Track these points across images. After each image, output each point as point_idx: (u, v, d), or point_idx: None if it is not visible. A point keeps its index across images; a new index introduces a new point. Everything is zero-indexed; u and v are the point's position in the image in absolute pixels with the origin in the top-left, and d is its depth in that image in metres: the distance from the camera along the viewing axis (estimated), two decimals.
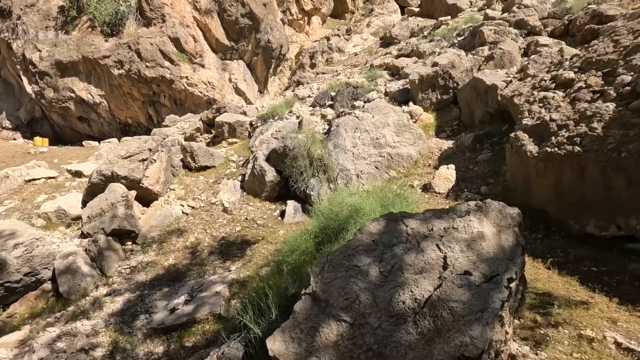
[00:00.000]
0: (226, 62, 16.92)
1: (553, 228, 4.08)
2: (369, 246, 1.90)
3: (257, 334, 2.13)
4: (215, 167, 7.93)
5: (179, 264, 5.25)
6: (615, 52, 4.35)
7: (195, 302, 4.29)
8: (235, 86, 17.01)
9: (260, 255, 5.02)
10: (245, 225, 5.91)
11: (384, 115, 7.19)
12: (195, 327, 4.05)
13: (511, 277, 1.56)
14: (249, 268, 4.76)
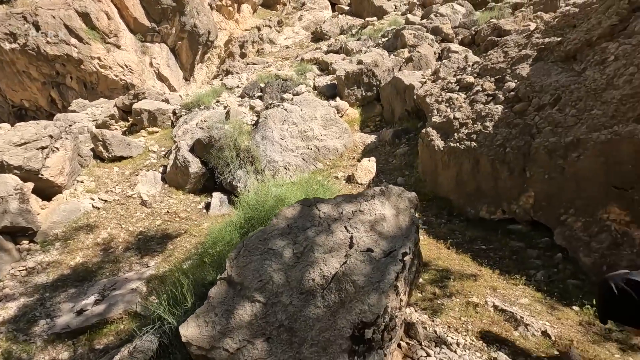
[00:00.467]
0: (146, 44, 15.60)
1: (454, 213, 4.64)
2: (284, 230, 1.99)
3: (171, 323, 2.09)
4: (133, 157, 7.34)
5: (88, 262, 4.79)
6: (504, 62, 5.06)
7: (108, 301, 3.98)
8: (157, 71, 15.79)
9: (183, 249, 4.83)
10: (167, 218, 5.62)
11: (312, 109, 7.36)
12: (107, 327, 3.76)
13: (405, 251, 1.78)
14: (169, 262, 4.55)
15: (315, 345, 1.56)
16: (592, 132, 3.52)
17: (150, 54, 15.54)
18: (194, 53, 16.81)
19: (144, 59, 15.33)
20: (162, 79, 15.83)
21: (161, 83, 15.72)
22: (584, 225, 3.51)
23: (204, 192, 6.52)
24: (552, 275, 3.27)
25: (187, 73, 17.27)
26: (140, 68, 14.68)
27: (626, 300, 1.30)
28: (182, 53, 16.61)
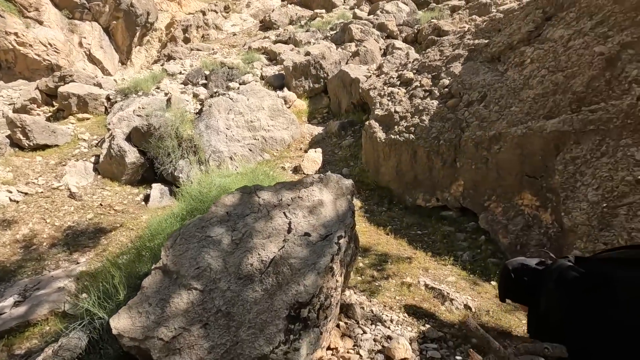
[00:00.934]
0: (75, 22, 14.18)
1: (394, 202, 4.91)
2: (223, 217, 1.99)
3: (102, 318, 1.99)
4: (60, 146, 6.70)
5: (5, 261, 4.32)
6: (440, 60, 5.41)
7: (30, 302, 3.64)
8: (88, 53, 14.43)
9: (118, 243, 4.55)
10: (100, 212, 5.23)
11: (259, 99, 7.26)
12: (30, 330, 3.45)
13: (341, 235, 1.88)
14: (103, 258, 4.26)
15: (253, 327, 1.60)
16: (511, 127, 3.92)
17: (79, 32, 14.12)
18: (131, 35, 15.59)
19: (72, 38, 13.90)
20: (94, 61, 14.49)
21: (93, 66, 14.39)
22: (503, 210, 3.93)
23: (142, 184, 6.16)
24: (475, 256, 3.63)
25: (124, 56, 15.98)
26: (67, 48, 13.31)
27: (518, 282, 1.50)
28: (117, 34, 15.32)
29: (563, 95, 3.66)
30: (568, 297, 1.30)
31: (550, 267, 1.45)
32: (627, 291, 1.18)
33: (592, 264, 1.36)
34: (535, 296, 1.43)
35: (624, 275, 1.22)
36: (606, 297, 1.21)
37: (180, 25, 16.58)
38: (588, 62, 3.59)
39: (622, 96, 3.25)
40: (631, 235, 2.74)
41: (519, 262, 1.57)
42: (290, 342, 1.59)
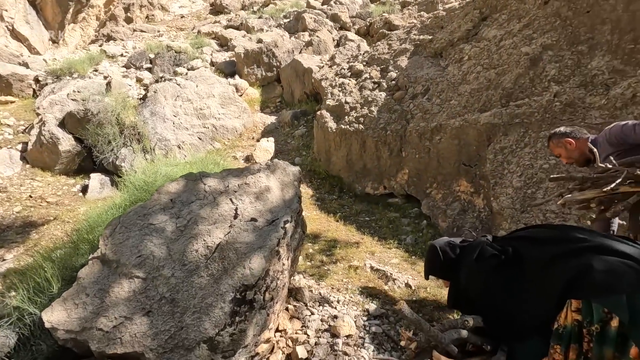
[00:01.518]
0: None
1: (344, 190, 5.07)
2: (167, 205, 1.95)
3: (34, 313, 1.87)
4: None
5: None
6: (389, 53, 5.62)
7: None
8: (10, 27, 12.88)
9: (52, 237, 4.22)
10: (30, 204, 4.79)
11: (209, 86, 7.02)
12: None
13: (287, 219, 1.93)
14: (34, 253, 3.93)
15: (198, 311, 1.61)
16: (450, 119, 4.22)
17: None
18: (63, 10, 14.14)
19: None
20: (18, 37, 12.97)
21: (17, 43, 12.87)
22: (443, 197, 4.24)
23: (79, 174, 5.73)
24: (417, 239, 3.89)
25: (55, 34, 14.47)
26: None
27: (444, 260, 1.65)
28: (46, 8, 13.82)
29: (495, 91, 4.00)
30: (485, 272, 1.47)
31: (471, 245, 1.63)
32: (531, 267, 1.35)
33: (506, 242, 1.55)
34: (457, 272, 1.59)
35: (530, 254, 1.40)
36: (515, 273, 1.39)
37: (121, 3, 15.33)
38: (516, 61, 3.95)
39: (543, 93, 3.64)
40: (545, 215, 3.12)
41: (445, 241, 1.73)
42: (237, 323, 1.63)
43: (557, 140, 2.22)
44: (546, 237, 1.44)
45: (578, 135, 2.16)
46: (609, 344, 1.21)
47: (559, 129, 2.26)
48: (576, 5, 3.78)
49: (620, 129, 1.99)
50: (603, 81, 3.32)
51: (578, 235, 1.39)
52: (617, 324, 1.19)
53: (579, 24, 3.71)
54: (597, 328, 1.23)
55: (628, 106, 3.05)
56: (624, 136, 1.96)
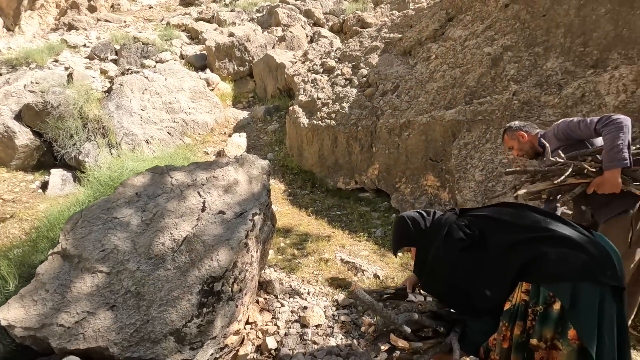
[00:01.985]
0: None
1: (317, 185, 5.12)
2: (132, 198, 1.91)
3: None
4: None
5: None
6: (360, 50, 5.70)
7: None
8: None
9: (9, 236, 4.00)
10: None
11: (179, 79, 6.85)
12: None
13: (256, 212, 1.95)
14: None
15: (165, 304, 1.61)
16: (418, 116, 4.36)
17: None
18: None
19: None
20: None
21: None
22: (411, 191, 4.39)
23: (39, 169, 5.45)
24: (387, 232, 4.01)
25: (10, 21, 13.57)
26: None
27: (415, 229, 1.62)
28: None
29: (459, 89, 4.17)
30: (451, 252, 1.49)
31: (441, 219, 1.62)
32: (494, 251, 1.44)
33: (473, 221, 1.57)
34: (427, 243, 1.58)
35: (494, 238, 1.46)
36: (479, 255, 1.46)
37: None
38: (479, 61, 4.14)
39: (503, 91, 3.84)
40: None
41: (416, 212, 1.69)
42: (204, 315, 1.64)
43: (512, 133, 2.38)
44: (509, 221, 1.50)
45: (530, 130, 2.33)
46: (549, 325, 1.34)
47: (514, 123, 2.42)
48: (534, 9, 4.00)
49: (567, 125, 2.13)
50: (556, 81, 3.55)
51: (537, 221, 1.46)
52: (559, 307, 1.32)
53: (535, 27, 3.94)
54: (540, 309, 1.35)
55: (578, 105, 3.28)
56: (570, 132, 2.11)
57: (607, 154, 1.88)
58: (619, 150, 1.82)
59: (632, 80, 3.07)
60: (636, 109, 2.97)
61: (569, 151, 2.07)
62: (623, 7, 3.39)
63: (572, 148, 2.10)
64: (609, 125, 1.88)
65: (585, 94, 3.27)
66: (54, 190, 4.98)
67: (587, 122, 2.03)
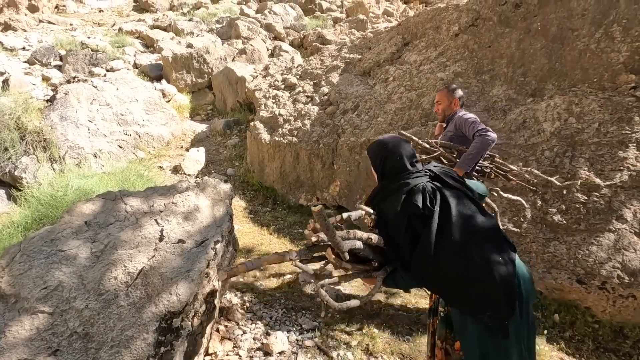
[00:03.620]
0: None
1: (278, 202, 5.08)
2: (80, 228, 1.76)
3: None
4: None
5: None
6: (321, 69, 5.81)
7: None
8: None
9: None
10: None
11: (132, 90, 6.52)
12: None
13: (217, 239, 1.89)
14: None
15: (117, 345, 1.48)
16: (377, 135, 4.50)
17: None
18: None
19: None
20: None
21: None
22: None
23: None
24: None
25: None
26: None
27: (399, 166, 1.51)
28: None
29: (416, 111, 4.39)
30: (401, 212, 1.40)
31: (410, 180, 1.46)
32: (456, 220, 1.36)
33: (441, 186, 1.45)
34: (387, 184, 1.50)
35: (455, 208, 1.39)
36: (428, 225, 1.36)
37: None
38: (433, 85, 4.39)
39: None
40: None
41: (412, 150, 1.56)
42: (161, 354, 1.53)
43: (451, 96, 2.70)
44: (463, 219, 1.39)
45: (461, 102, 2.73)
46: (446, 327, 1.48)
47: (458, 90, 2.74)
48: (480, 40, 4.35)
49: (465, 120, 2.52)
50: (501, 107, 3.87)
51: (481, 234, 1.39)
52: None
53: (482, 57, 4.28)
54: (443, 310, 1.50)
55: (520, 130, 3.59)
56: (463, 127, 2.52)
57: (463, 157, 2.40)
58: (470, 159, 2.37)
59: (564, 109, 3.43)
60: (569, 136, 3.31)
61: (457, 140, 2.54)
62: (555, 44, 3.80)
63: (459, 139, 2.55)
64: (480, 137, 2.36)
65: (526, 120, 3.59)
66: None
67: (474, 126, 2.45)
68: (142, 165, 5.38)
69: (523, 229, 3.14)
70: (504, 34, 4.19)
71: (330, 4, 13.77)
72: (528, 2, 4.10)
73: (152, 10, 13.55)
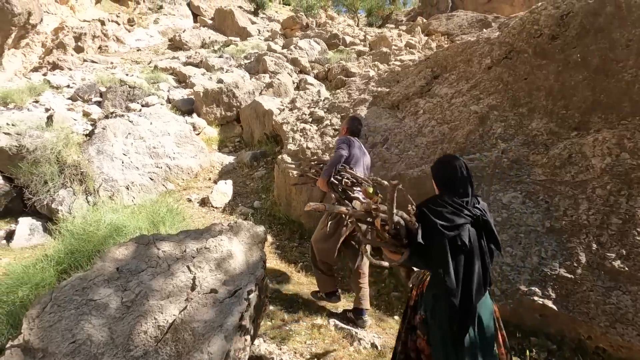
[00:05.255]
0: None
1: (306, 236, 4.94)
2: (112, 275, 1.70)
3: None
4: None
5: None
6: (348, 102, 5.82)
7: None
8: None
9: None
10: None
11: (164, 123, 6.76)
12: None
13: (251, 289, 1.77)
14: None
15: None
16: (409, 169, 4.37)
17: None
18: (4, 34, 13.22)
19: None
20: None
21: None
22: None
23: (5, 217, 5.07)
24: (380, 290, 3.83)
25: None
26: None
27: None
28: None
29: (449, 144, 4.24)
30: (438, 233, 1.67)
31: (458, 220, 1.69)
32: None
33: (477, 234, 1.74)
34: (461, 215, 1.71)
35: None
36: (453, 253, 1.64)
37: (72, 32, 14.71)
38: (466, 118, 4.26)
39: (491, 149, 3.92)
40: (502, 268, 3.24)
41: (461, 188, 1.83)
42: None
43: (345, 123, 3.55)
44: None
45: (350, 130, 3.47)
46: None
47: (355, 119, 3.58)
48: (515, 72, 4.23)
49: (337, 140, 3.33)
50: (543, 141, 3.66)
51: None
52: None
53: (518, 89, 4.13)
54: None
55: (566, 165, 3.36)
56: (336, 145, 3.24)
57: (324, 169, 3.19)
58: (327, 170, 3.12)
59: (615, 144, 3.20)
60: (623, 173, 3.06)
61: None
62: (598, 75, 3.62)
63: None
64: (335, 152, 3.18)
65: (572, 155, 3.36)
66: (20, 241, 4.59)
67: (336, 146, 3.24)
68: (172, 198, 5.44)
69: (577, 275, 2.85)
70: (541, 66, 4.05)
71: (354, 38, 14.16)
72: (565, 34, 3.98)
73: (185, 49, 14.38)
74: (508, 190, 3.55)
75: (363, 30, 15.60)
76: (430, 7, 20.43)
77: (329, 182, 3.10)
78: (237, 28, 15.88)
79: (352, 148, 3.21)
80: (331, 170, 3.10)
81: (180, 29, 16.30)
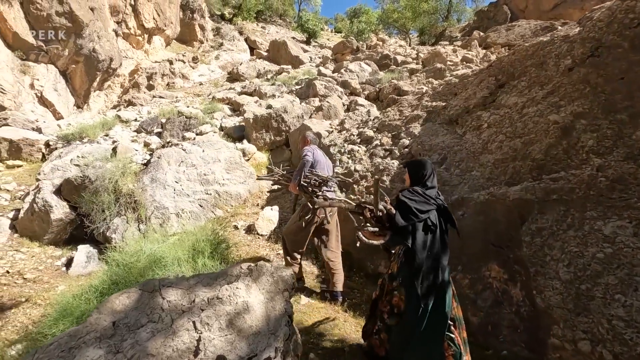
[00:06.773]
0: (28, 63, 13.51)
1: (354, 269, 4.45)
2: (106, 332, 1.44)
3: None
4: None
5: None
6: (400, 119, 5.35)
7: None
8: (39, 95, 13.64)
9: (17, 325, 3.67)
10: (4, 281, 4.33)
11: (215, 151, 6.86)
12: None
13: (270, 355, 1.38)
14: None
15: None
16: (473, 192, 3.72)
17: (32, 74, 13.44)
18: (90, 79, 15.07)
19: (22, 79, 13.16)
20: (45, 103, 13.68)
21: (44, 108, 13.55)
22: (471, 282, 3.58)
23: (69, 244, 5.34)
24: None
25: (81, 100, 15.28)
26: (15, 89, 12.49)
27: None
28: (75, 77, 14.75)
29: (523, 162, 3.54)
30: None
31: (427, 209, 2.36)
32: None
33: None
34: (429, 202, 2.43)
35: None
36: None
37: (145, 72, 16.35)
38: (544, 130, 3.55)
39: (582, 166, 3.16)
40: (612, 323, 2.44)
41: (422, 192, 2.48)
42: None
43: (304, 137, 3.92)
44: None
45: (308, 140, 3.90)
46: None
47: (313, 132, 3.76)
48: (607, 72, 3.45)
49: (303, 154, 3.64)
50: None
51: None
52: None
53: (613, 91, 3.34)
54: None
55: None
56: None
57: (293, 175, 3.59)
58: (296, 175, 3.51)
59: None
60: None
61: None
62: None
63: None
64: (302, 159, 3.57)
65: None
66: (77, 269, 4.75)
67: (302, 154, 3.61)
68: (219, 224, 5.35)
69: None
70: None
71: (405, 57, 13.70)
72: None
73: (241, 80, 15.11)
74: (611, 218, 2.77)
75: (415, 49, 15.12)
76: (487, 21, 19.32)
77: (300, 186, 3.46)
78: (290, 57, 16.37)
79: (316, 155, 3.64)
80: (300, 175, 3.48)
81: (238, 62, 17.27)
